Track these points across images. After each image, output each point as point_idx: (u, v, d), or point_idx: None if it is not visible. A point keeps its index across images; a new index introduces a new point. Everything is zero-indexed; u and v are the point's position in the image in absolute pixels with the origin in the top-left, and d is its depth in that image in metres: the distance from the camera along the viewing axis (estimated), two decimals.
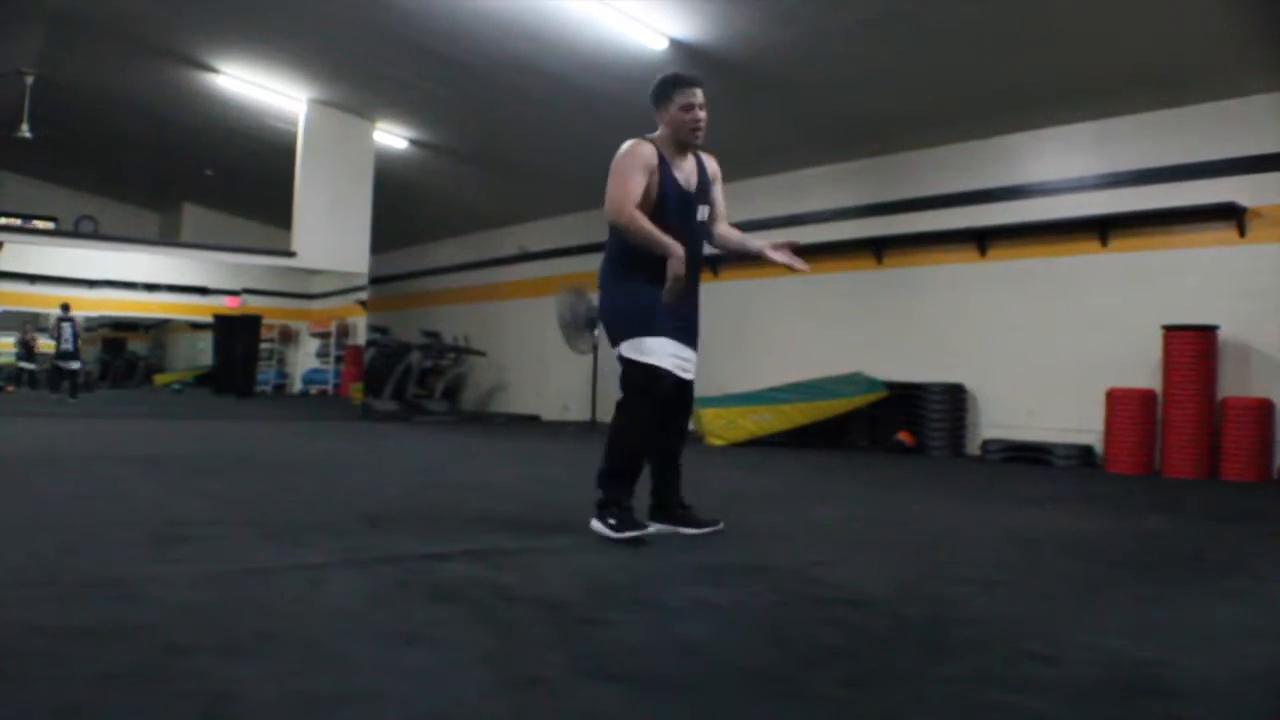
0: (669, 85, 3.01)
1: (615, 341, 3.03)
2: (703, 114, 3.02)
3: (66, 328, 11.50)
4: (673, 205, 3.00)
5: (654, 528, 3.07)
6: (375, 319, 13.09)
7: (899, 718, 1.51)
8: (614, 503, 2.96)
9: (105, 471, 4.72)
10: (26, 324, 13.10)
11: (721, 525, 3.18)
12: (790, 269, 3.13)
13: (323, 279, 13.28)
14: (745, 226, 9.60)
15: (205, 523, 3.12)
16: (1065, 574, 2.84)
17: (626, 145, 3.00)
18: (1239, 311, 6.42)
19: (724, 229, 3.27)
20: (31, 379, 13.20)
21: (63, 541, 2.71)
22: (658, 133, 3.06)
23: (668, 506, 3.17)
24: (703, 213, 3.12)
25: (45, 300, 12.73)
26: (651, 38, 6.97)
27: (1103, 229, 7.17)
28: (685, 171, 3.07)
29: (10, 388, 12.85)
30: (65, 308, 11.65)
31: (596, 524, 2.96)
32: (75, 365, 11.62)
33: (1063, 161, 7.52)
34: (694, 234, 3.06)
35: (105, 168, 13.49)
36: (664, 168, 3.00)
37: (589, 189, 4.41)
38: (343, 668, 1.62)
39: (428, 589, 2.26)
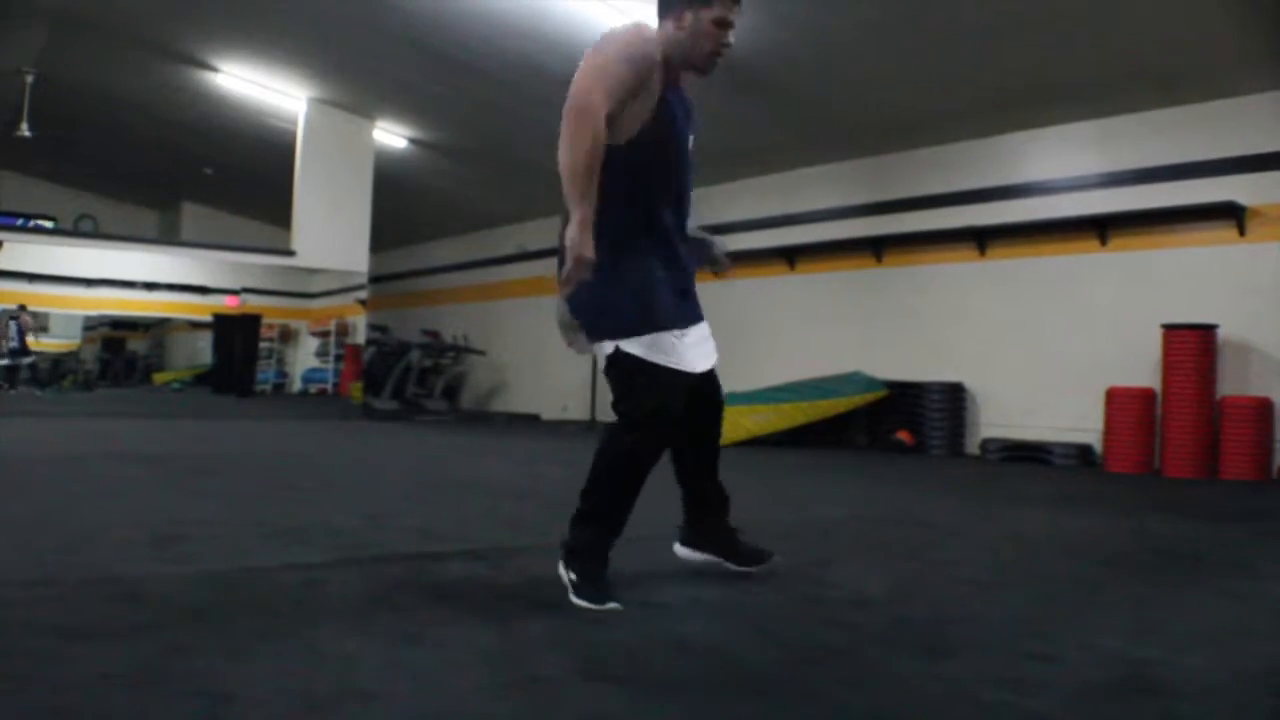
0: None
1: (608, 335, 2.18)
2: (732, 40, 2.25)
3: (12, 325, 12.02)
4: (679, 144, 2.22)
5: (693, 555, 2.48)
6: (375, 318, 13.09)
7: (899, 718, 1.51)
8: (582, 555, 2.17)
9: (105, 471, 4.72)
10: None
11: (776, 557, 2.49)
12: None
13: (322, 278, 13.28)
14: (745, 226, 9.74)
15: (205, 522, 3.12)
16: (1064, 573, 2.84)
17: (625, 28, 2.12)
18: (1238, 310, 6.42)
19: None
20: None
21: (63, 541, 2.71)
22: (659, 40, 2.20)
23: (715, 531, 2.46)
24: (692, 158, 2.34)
25: (45, 299, 12.75)
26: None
27: (1102, 228, 7.17)
28: (685, 103, 2.28)
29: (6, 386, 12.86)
30: (21, 308, 12.16)
31: (563, 571, 2.21)
32: (4, 362, 12.42)
33: (1062, 161, 7.52)
34: (688, 186, 2.32)
35: (105, 167, 13.48)
36: (668, 86, 2.19)
37: None
38: (343, 668, 1.63)
39: (428, 589, 2.27)
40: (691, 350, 2.19)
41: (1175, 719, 1.53)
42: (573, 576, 2.14)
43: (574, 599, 2.10)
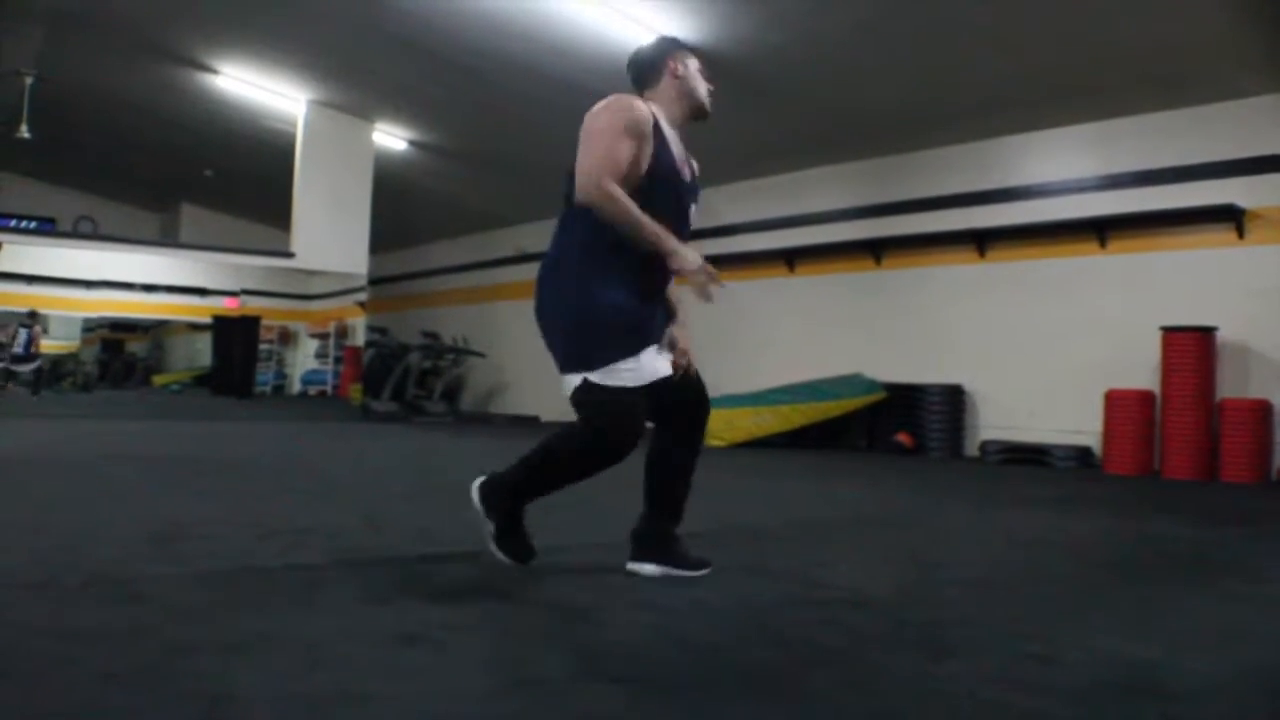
0: (681, 44, 2.53)
1: (583, 363, 2.31)
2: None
3: (23, 333, 12.02)
4: (665, 190, 2.32)
5: (649, 569, 2.42)
6: (374, 320, 13.09)
7: (898, 718, 1.51)
8: (503, 510, 2.44)
9: (105, 472, 4.72)
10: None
11: (708, 569, 2.46)
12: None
13: (322, 280, 13.28)
14: (746, 227, 9.73)
15: (205, 523, 3.12)
16: (1064, 575, 2.84)
17: (613, 99, 2.30)
18: (1238, 313, 6.43)
19: None
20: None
21: (62, 541, 2.71)
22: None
23: (666, 538, 2.45)
24: (694, 214, 2.48)
25: (44, 301, 12.74)
26: (651, 39, 6.98)
27: (1102, 230, 7.18)
28: (682, 154, 2.41)
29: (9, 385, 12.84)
30: (32, 314, 12.10)
31: (483, 514, 2.45)
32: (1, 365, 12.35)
33: (1062, 163, 7.53)
34: (683, 237, 2.37)
35: (104, 168, 13.49)
36: (660, 139, 2.32)
37: None
38: (343, 668, 1.62)
39: (427, 589, 2.26)
40: (651, 368, 2.31)
41: (1175, 719, 1.52)
42: (492, 529, 2.43)
43: (494, 548, 2.43)
